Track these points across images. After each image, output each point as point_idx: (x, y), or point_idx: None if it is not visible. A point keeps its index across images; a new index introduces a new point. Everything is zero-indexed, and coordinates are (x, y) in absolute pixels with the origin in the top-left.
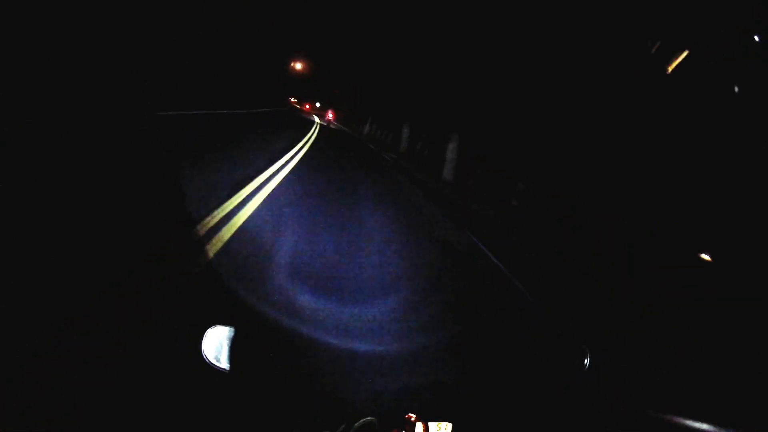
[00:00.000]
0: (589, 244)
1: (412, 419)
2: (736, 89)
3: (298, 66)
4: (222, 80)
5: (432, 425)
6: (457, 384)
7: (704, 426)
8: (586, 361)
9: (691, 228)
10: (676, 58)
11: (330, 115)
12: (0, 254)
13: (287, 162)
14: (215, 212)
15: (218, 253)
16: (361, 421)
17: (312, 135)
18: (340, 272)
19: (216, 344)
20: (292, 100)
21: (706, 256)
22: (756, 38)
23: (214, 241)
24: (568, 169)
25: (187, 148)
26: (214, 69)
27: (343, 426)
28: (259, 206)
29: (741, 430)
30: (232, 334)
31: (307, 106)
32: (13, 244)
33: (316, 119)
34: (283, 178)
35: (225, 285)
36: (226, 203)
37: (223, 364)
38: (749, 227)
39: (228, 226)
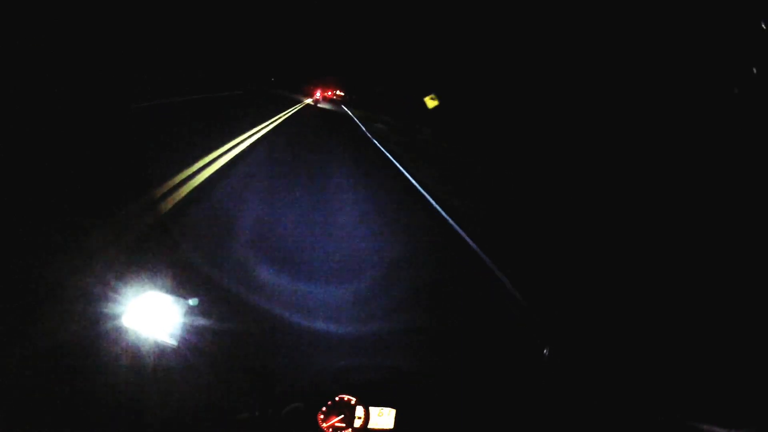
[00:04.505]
0: None
1: (352, 402)
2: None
3: None
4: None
5: (373, 410)
6: (403, 369)
7: (704, 426)
8: (545, 350)
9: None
10: None
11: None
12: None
13: None
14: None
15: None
16: (287, 408)
17: None
18: None
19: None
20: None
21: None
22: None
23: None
24: None
25: None
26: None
27: (270, 411)
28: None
29: (741, 430)
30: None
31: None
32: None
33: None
34: None
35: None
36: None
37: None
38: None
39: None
